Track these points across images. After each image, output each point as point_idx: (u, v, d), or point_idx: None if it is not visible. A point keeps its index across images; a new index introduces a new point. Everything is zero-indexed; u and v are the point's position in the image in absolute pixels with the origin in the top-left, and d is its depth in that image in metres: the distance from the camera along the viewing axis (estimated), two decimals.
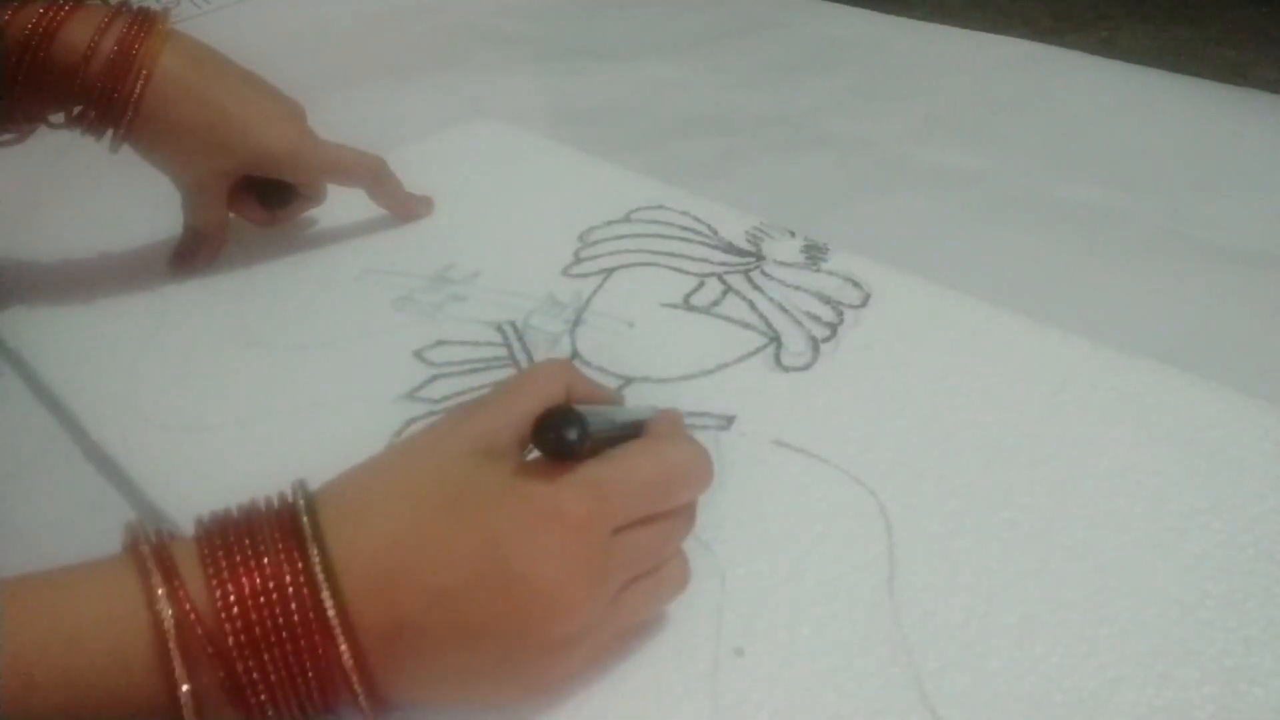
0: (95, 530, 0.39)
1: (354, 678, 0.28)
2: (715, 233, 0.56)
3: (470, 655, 0.29)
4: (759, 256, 0.53)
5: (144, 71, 0.49)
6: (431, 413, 0.44)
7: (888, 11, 0.93)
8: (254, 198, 0.56)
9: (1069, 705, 0.31)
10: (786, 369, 0.46)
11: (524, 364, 0.46)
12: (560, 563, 0.28)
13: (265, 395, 0.46)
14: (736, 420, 0.42)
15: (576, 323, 0.49)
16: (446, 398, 0.44)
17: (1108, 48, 0.83)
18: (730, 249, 0.54)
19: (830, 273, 0.52)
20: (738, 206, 0.58)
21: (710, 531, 0.37)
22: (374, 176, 0.57)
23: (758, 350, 0.47)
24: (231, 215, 0.56)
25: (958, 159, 0.66)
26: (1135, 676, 0.32)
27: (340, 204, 0.58)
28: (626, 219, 0.58)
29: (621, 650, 0.33)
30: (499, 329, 0.49)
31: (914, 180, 0.64)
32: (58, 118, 0.51)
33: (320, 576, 0.27)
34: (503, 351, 0.47)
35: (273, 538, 0.28)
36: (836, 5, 0.97)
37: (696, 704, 0.31)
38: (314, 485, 0.31)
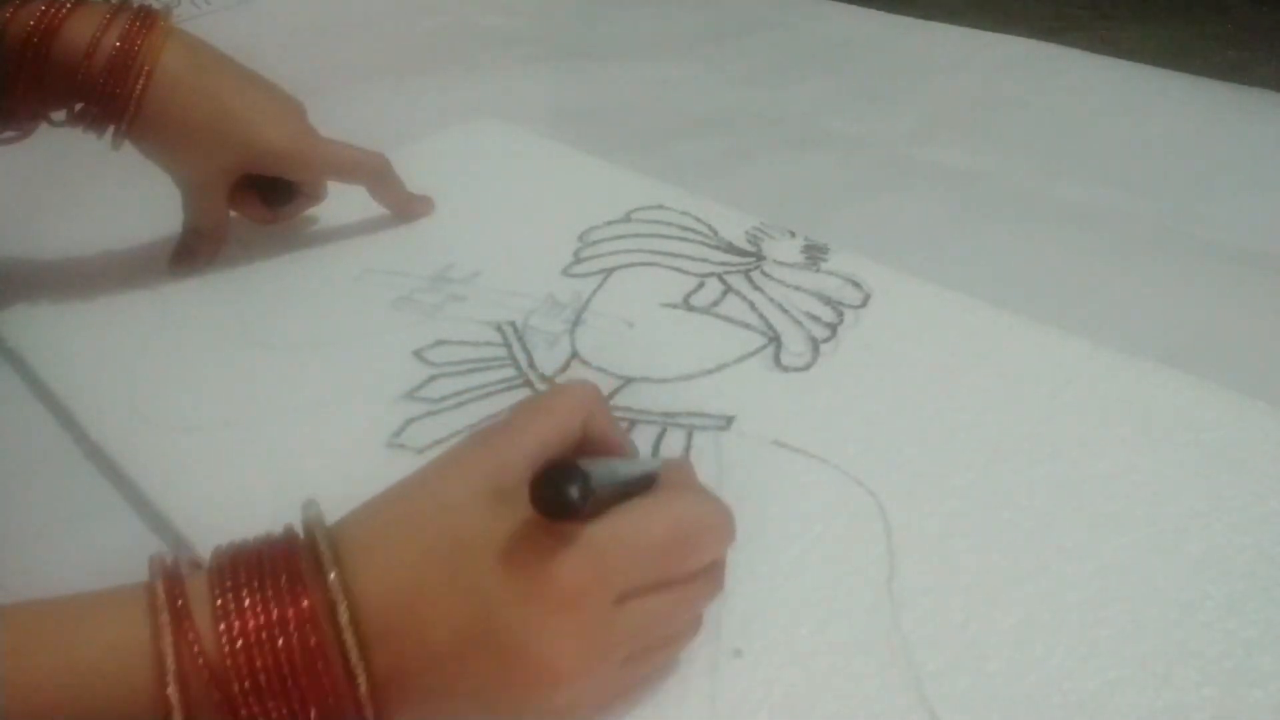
0: (95, 530, 0.39)
1: (368, 710, 0.27)
2: (715, 233, 0.56)
3: (469, 711, 0.28)
4: (759, 256, 0.53)
5: (145, 69, 0.49)
6: (431, 413, 0.44)
7: (888, 11, 0.93)
8: (255, 196, 0.56)
9: (1069, 706, 0.31)
10: (786, 369, 0.45)
11: (524, 364, 0.46)
12: (556, 635, 0.27)
13: (265, 395, 0.45)
14: (736, 420, 0.42)
15: (576, 323, 0.49)
16: (446, 397, 0.44)
17: (1108, 47, 0.82)
18: (730, 249, 0.54)
19: (830, 273, 0.52)
20: (738, 206, 0.58)
21: None
22: (376, 174, 0.57)
23: (757, 350, 0.47)
24: (232, 214, 0.56)
25: (958, 159, 0.66)
26: (1135, 678, 0.32)
27: (340, 203, 0.58)
28: (626, 219, 0.58)
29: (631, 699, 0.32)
30: (499, 329, 0.49)
31: (914, 180, 0.64)
32: (59, 115, 0.51)
33: (345, 618, 0.26)
34: (502, 352, 0.47)
35: (283, 575, 0.27)
36: (836, 5, 0.97)
37: (695, 704, 0.31)
38: (315, 489, 0.30)
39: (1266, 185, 0.62)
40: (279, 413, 0.44)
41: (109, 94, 0.48)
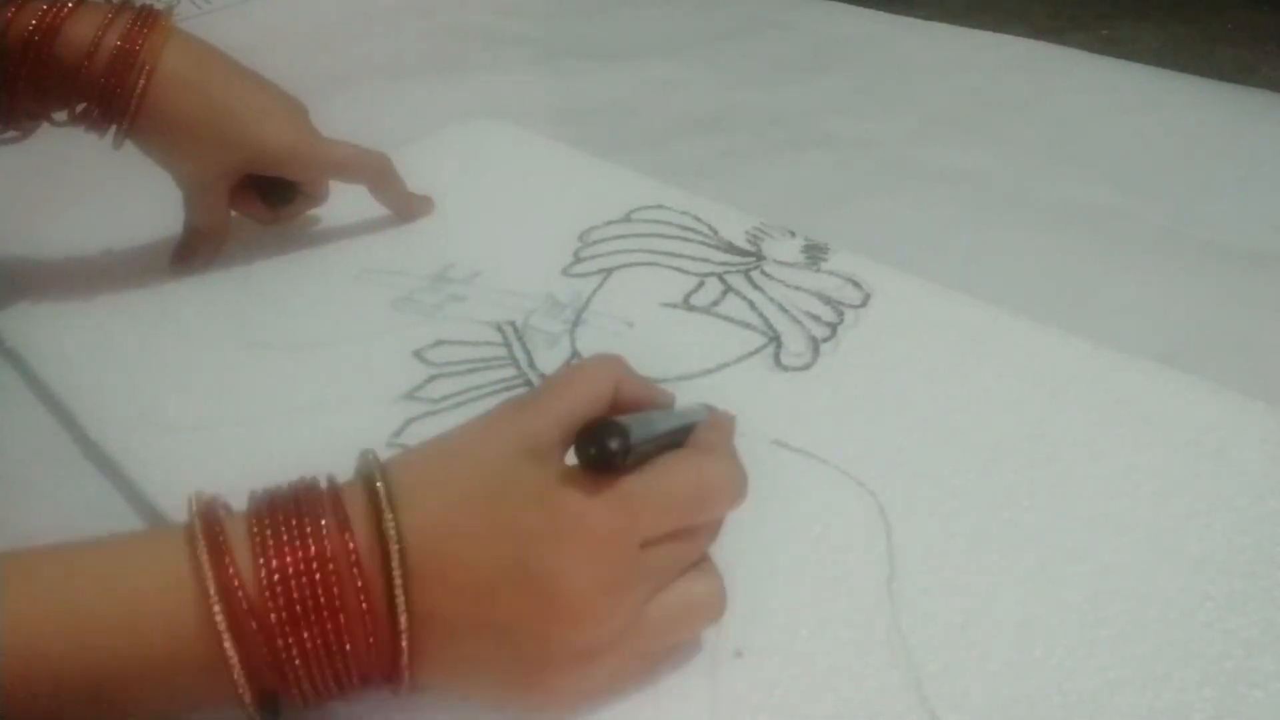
0: (95, 530, 0.39)
1: (404, 645, 0.28)
2: (715, 232, 0.56)
3: (494, 651, 0.29)
4: (759, 256, 0.53)
5: (147, 68, 0.49)
6: (431, 413, 0.44)
7: (888, 11, 0.93)
8: (257, 195, 0.56)
9: (1068, 706, 0.31)
10: (786, 369, 0.45)
11: (524, 364, 0.46)
12: (585, 572, 0.29)
13: (265, 395, 0.45)
14: (736, 420, 0.42)
15: (576, 323, 0.49)
16: (445, 398, 0.44)
17: (1109, 47, 0.83)
18: (730, 249, 0.54)
19: (830, 272, 0.52)
20: (738, 206, 0.58)
21: None
22: (377, 174, 0.57)
23: (757, 350, 0.47)
24: (234, 214, 0.56)
25: (958, 159, 0.66)
26: (1135, 678, 0.32)
27: (340, 204, 0.58)
28: (626, 219, 0.58)
29: (644, 677, 0.32)
30: (499, 329, 0.49)
31: (914, 180, 0.64)
32: (61, 115, 0.51)
33: (394, 546, 0.28)
34: (502, 352, 0.47)
35: (326, 514, 0.29)
36: (836, 5, 0.97)
37: (695, 705, 0.31)
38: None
39: (1267, 185, 0.62)
40: (279, 413, 0.44)
41: (110, 93, 0.48)
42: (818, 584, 0.35)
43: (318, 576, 0.28)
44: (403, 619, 0.28)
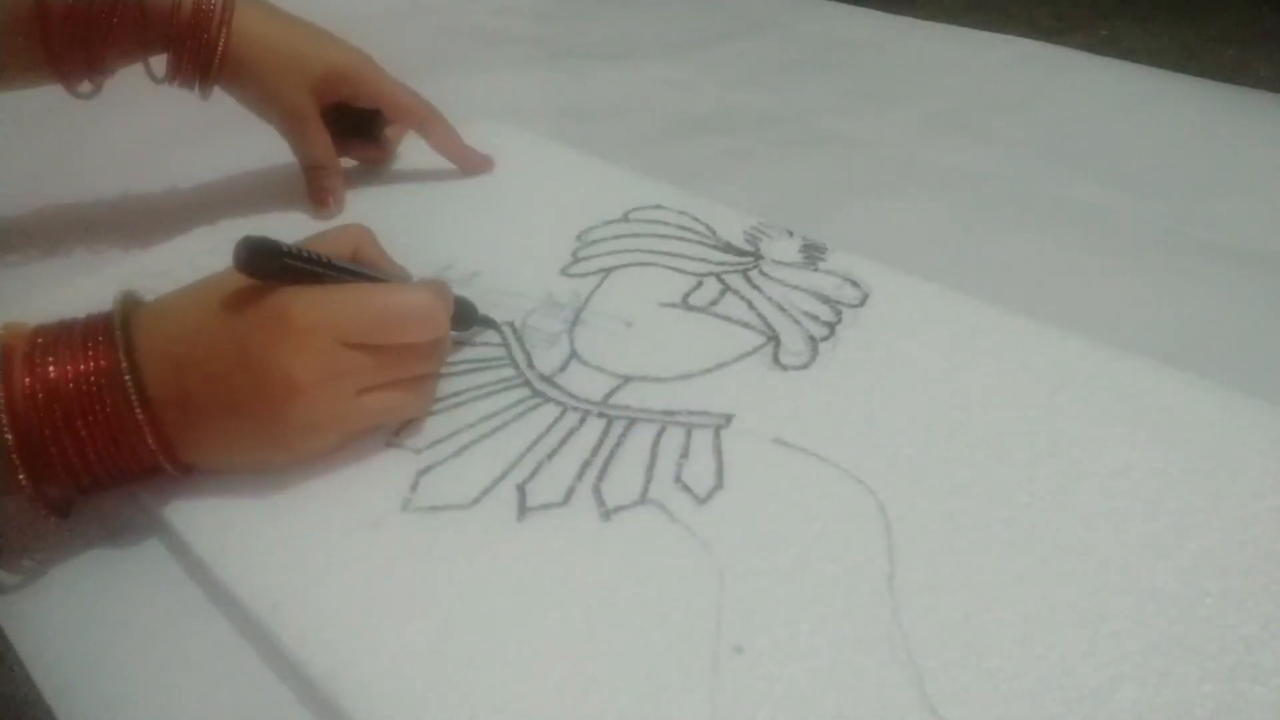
0: (95, 529, 0.39)
1: (148, 432, 0.37)
2: (713, 232, 0.56)
3: (236, 426, 0.38)
4: (757, 256, 0.53)
5: (226, 12, 0.55)
6: (430, 413, 0.44)
7: (888, 11, 0.93)
8: (349, 137, 0.61)
9: (1069, 704, 0.31)
10: (785, 368, 0.45)
11: (522, 364, 0.46)
12: (293, 358, 0.37)
13: None
14: (735, 419, 0.42)
15: (575, 322, 0.49)
16: (445, 397, 0.44)
17: (1108, 47, 0.83)
18: (729, 249, 0.54)
19: (829, 272, 0.52)
20: (737, 206, 0.58)
21: (709, 530, 0.37)
22: (421, 120, 0.61)
23: (756, 349, 0.47)
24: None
25: (958, 159, 0.66)
26: (1135, 675, 0.32)
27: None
28: (625, 219, 0.58)
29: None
30: (498, 329, 0.49)
31: (914, 180, 0.64)
32: (159, 70, 0.56)
33: (124, 364, 0.36)
34: (501, 351, 0.47)
35: (85, 338, 0.37)
36: (836, 5, 0.97)
37: (696, 702, 0.31)
38: (315, 489, 0.32)
39: (1266, 186, 0.62)
40: None
41: (198, 37, 0.54)
42: (818, 581, 0.35)
43: (85, 382, 0.36)
44: (139, 413, 0.36)
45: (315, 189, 0.60)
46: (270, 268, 0.37)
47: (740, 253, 0.54)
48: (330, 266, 0.40)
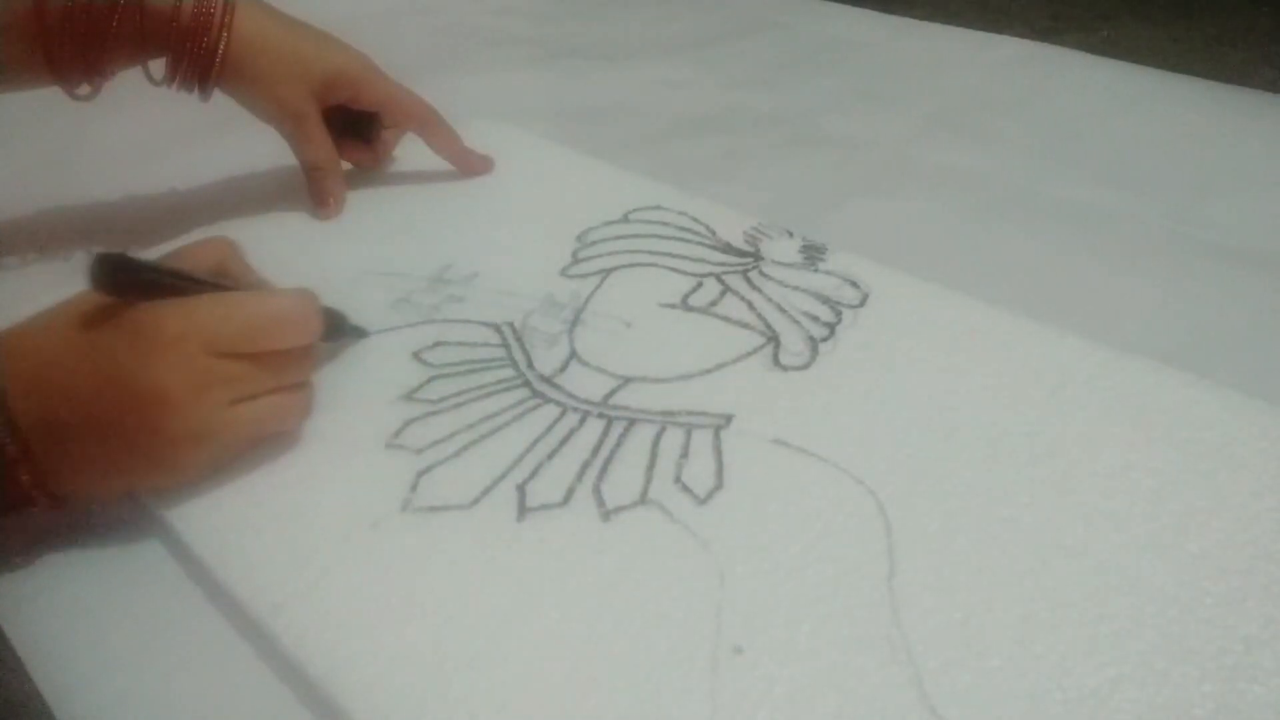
0: (95, 529, 0.39)
1: (21, 466, 0.35)
2: (713, 233, 0.56)
3: (112, 448, 0.36)
4: (757, 257, 0.53)
5: (226, 19, 0.54)
6: (430, 414, 0.44)
7: (888, 11, 0.93)
8: (345, 139, 0.61)
9: (1068, 704, 0.31)
10: (785, 368, 0.45)
11: (522, 364, 0.46)
12: (161, 370, 0.36)
13: None
14: (735, 419, 0.42)
15: (575, 323, 0.49)
16: (444, 398, 0.44)
17: (1108, 47, 0.83)
18: (728, 249, 0.54)
19: (828, 273, 0.52)
20: (737, 206, 0.58)
21: (709, 530, 0.37)
22: (422, 122, 0.61)
23: (756, 350, 0.47)
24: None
25: (958, 159, 0.66)
26: (1135, 675, 0.32)
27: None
28: (624, 219, 0.58)
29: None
30: (497, 330, 0.49)
31: (914, 180, 0.64)
32: (158, 73, 0.55)
33: None
34: (501, 352, 0.47)
35: None
36: (836, 5, 0.97)
37: (696, 702, 0.31)
38: (315, 489, 0.31)
39: (1266, 186, 0.62)
40: None
41: (198, 40, 0.53)
42: (818, 582, 0.35)
43: None
44: (10, 446, 0.35)
45: (316, 190, 0.60)
46: (129, 286, 0.37)
47: (740, 253, 0.54)
48: (192, 281, 0.39)
